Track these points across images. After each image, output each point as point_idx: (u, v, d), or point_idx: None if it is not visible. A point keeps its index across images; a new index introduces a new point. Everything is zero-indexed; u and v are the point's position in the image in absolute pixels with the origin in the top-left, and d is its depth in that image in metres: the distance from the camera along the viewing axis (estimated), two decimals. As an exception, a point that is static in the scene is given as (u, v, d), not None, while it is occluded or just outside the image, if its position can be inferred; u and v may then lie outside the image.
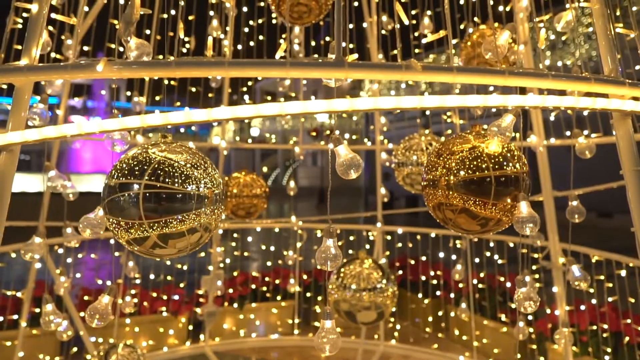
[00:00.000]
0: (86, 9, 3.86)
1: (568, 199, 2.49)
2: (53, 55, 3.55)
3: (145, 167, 1.46)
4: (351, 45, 5.18)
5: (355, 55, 0.99)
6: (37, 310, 4.66)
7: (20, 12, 2.86)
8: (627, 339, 4.17)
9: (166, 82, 4.41)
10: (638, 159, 1.12)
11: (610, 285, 3.85)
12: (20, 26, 2.41)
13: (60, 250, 4.03)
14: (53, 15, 1.23)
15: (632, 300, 3.95)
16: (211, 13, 4.32)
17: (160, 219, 1.45)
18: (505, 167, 1.64)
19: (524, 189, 1.66)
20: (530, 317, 4.61)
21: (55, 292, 3.34)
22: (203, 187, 1.51)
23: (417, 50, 4.47)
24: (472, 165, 1.66)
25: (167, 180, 1.46)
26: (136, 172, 1.46)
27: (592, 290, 3.98)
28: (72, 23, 1.21)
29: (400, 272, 6.13)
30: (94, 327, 4.79)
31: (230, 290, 5.85)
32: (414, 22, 4.53)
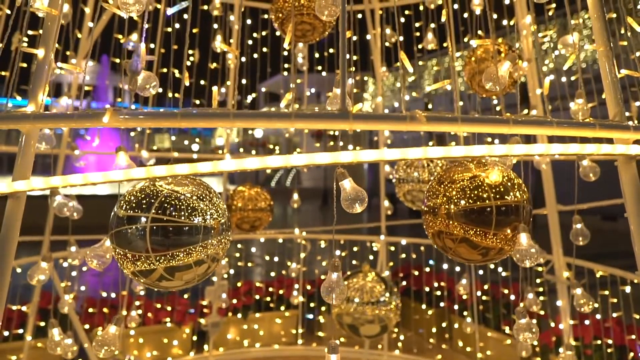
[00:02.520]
0: (90, 24, 3.90)
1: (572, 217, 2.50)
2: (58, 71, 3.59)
3: (152, 201, 1.48)
4: (355, 57, 5.21)
5: (360, 105, 1.01)
6: (42, 323, 4.69)
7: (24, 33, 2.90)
8: (631, 354, 4.17)
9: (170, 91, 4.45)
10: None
11: (615, 300, 3.86)
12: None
13: (65, 264, 4.06)
14: (59, 64, 1.25)
15: (637, 317, 3.95)
16: (215, 26, 4.36)
17: (167, 252, 1.48)
18: (506, 197, 1.66)
19: (525, 218, 1.67)
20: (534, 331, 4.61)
21: (59, 309, 3.36)
22: (209, 219, 1.53)
23: (420, 63, 4.50)
24: (472, 195, 1.67)
25: (173, 213, 1.48)
26: (143, 206, 1.48)
27: (596, 305, 3.98)
28: (79, 72, 1.23)
29: (404, 282, 6.14)
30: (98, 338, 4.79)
31: (234, 301, 5.87)
32: (418, 34, 4.56)
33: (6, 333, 4.66)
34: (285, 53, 4.63)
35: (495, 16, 4.21)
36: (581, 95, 2.33)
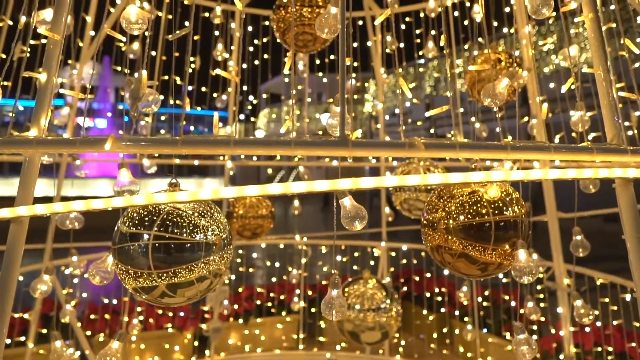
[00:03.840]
0: (92, 33, 3.91)
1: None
2: (60, 80, 3.61)
3: (155, 218, 1.49)
4: (355, 64, 5.23)
5: (359, 132, 1.03)
6: (44, 330, 4.70)
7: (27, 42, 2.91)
8: (631, 361, 4.18)
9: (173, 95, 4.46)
10: (640, 225, 1.15)
11: (615, 308, 3.86)
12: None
13: (67, 271, 4.08)
14: (61, 91, 1.26)
15: (637, 325, 3.95)
16: (216, 33, 4.38)
17: (169, 269, 1.49)
18: (504, 212, 1.67)
19: (523, 232, 1.68)
20: (534, 337, 4.62)
21: (61, 317, 3.37)
22: (211, 235, 1.54)
23: (421, 70, 4.51)
24: (471, 210, 1.69)
25: (175, 230, 1.49)
26: (146, 223, 1.50)
27: (597, 312, 3.99)
28: (82, 97, 1.24)
29: (405, 288, 6.15)
30: (99, 344, 4.81)
31: (236, 306, 5.88)
32: (418, 41, 4.57)
33: (8, 340, 4.68)
34: (286, 59, 4.64)
35: (495, 24, 4.23)
36: (581, 107, 2.34)
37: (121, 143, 1.00)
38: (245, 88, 4.97)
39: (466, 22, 4.26)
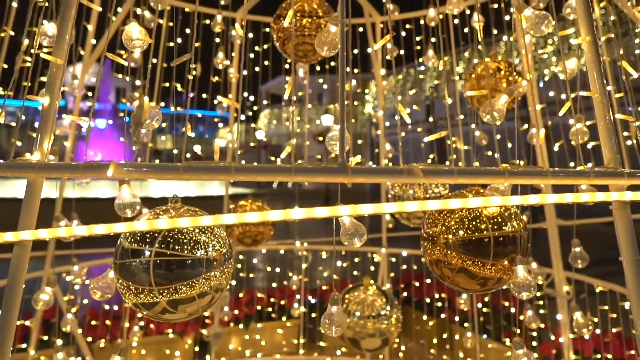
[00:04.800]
0: (93, 41, 3.93)
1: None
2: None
3: (156, 234, 1.51)
4: (356, 70, 5.24)
5: (359, 157, 1.04)
6: (45, 337, 4.71)
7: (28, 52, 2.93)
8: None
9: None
10: (637, 248, 1.16)
11: (615, 316, 3.87)
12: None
13: (68, 278, 4.09)
14: (64, 116, 1.27)
15: (635, 332, 3.95)
16: (217, 40, 4.39)
17: (170, 286, 1.50)
18: (503, 227, 1.67)
19: (522, 247, 1.69)
20: (534, 343, 4.63)
21: (62, 326, 3.38)
22: (211, 250, 1.55)
23: (421, 76, 4.52)
24: (471, 226, 1.69)
25: (176, 247, 1.50)
26: (147, 239, 1.51)
27: (596, 320, 4.00)
28: (84, 122, 1.26)
29: (405, 294, 6.16)
30: (100, 350, 4.80)
31: (236, 311, 5.89)
32: (418, 47, 4.59)
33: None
34: (287, 66, 4.66)
35: (495, 32, 4.24)
36: (580, 120, 2.35)
37: (123, 169, 1.01)
38: (245, 94, 4.97)
39: (466, 30, 4.28)
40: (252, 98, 6.06)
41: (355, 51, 4.93)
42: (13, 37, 2.92)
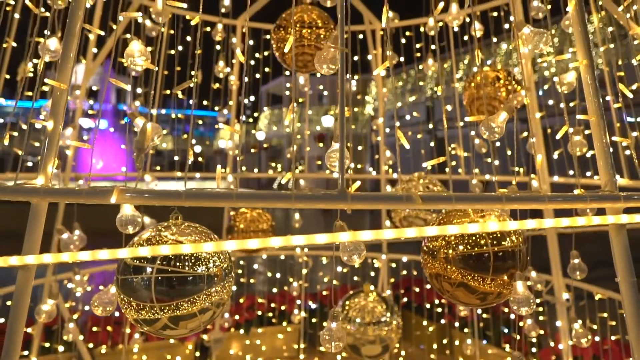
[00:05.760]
0: (94, 50, 3.94)
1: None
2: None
3: (158, 251, 1.52)
4: (356, 77, 5.25)
5: (358, 183, 1.06)
6: (47, 344, 4.72)
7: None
8: (630, 374, 4.19)
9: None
10: (633, 269, 1.17)
11: (614, 323, 3.88)
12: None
13: (70, 285, 4.10)
14: (68, 142, 1.29)
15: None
16: (217, 47, 4.41)
17: (171, 302, 1.51)
18: (502, 242, 1.69)
19: (522, 261, 1.70)
20: (534, 349, 4.64)
21: (64, 335, 3.39)
22: (212, 266, 1.56)
23: (420, 83, 4.53)
24: (470, 241, 1.71)
25: (177, 264, 1.51)
26: (149, 255, 1.52)
27: (595, 327, 4.01)
28: (86, 147, 1.27)
29: (405, 299, 6.16)
30: (102, 356, 4.81)
31: (237, 316, 5.90)
32: (418, 54, 4.61)
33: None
34: (287, 73, 4.68)
35: (494, 40, 4.26)
36: (579, 132, 2.36)
37: (126, 195, 1.02)
38: (246, 101, 4.99)
39: (466, 37, 4.30)
40: (252, 98, 6.09)
41: (356, 58, 4.95)
42: (15, 48, 2.94)
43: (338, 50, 1.17)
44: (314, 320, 6.15)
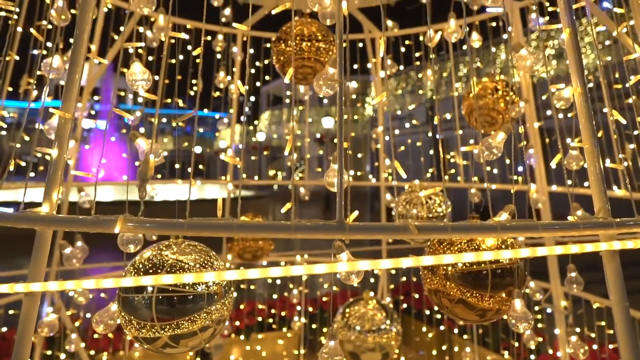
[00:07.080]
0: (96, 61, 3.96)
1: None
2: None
3: (159, 271, 1.54)
4: (355, 85, 5.28)
5: (356, 213, 1.08)
6: (49, 352, 4.73)
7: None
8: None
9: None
10: (626, 294, 1.19)
11: (612, 332, 3.90)
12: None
13: (72, 293, 4.12)
14: (72, 172, 1.31)
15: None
16: (218, 56, 4.43)
17: (172, 321, 1.52)
18: (501, 260, 1.71)
19: (520, 278, 1.72)
20: (532, 357, 4.66)
21: (66, 345, 3.41)
22: (212, 285, 1.58)
23: (420, 92, 4.56)
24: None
25: (178, 283, 1.53)
26: (150, 274, 1.54)
27: (593, 335, 4.03)
28: (90, 176, 1.30)
29: (405, 305, 6.18)
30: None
31: (237, 322, 5.92)
32: (418, 63, 4.62)
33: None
34: (287, 81, 4.69)
35: (493, 49, 4.28)
36: (575, 148, 2.38)
37: (129, 224, 1.04)
38: (247, 109, 5.01)
39: (465, 47, 4.32)
40: (252, 98, 6.10)
41: (355, 66, 4.97)
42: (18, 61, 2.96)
43: (337, 82, 1.19)
44: (314, 326, 6.17)
